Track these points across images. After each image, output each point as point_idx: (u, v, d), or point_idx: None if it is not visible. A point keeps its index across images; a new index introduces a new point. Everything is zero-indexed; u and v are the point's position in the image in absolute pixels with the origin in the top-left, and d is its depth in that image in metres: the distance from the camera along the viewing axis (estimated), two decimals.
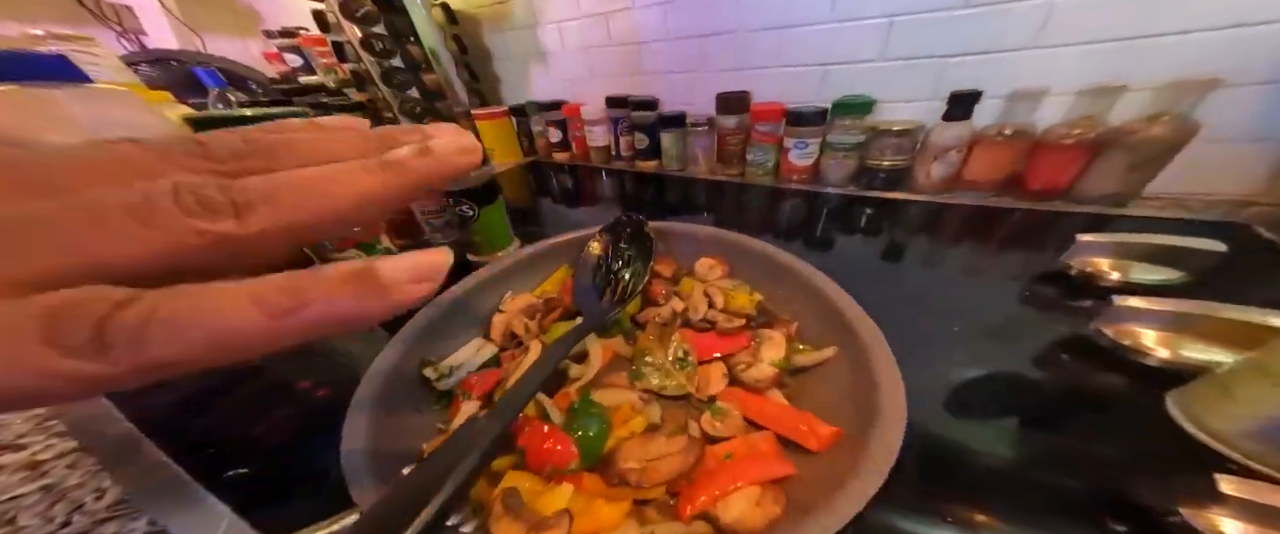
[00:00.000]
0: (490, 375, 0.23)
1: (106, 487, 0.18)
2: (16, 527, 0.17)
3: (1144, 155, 0.31)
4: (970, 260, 0.32)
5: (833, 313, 0.21)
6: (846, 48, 0.47)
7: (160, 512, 0.17)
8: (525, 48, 0.76)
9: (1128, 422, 0.18)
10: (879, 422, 0.14)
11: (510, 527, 0.14)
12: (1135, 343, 0.20)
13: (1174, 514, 0.14)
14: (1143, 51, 0.33)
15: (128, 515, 0.17)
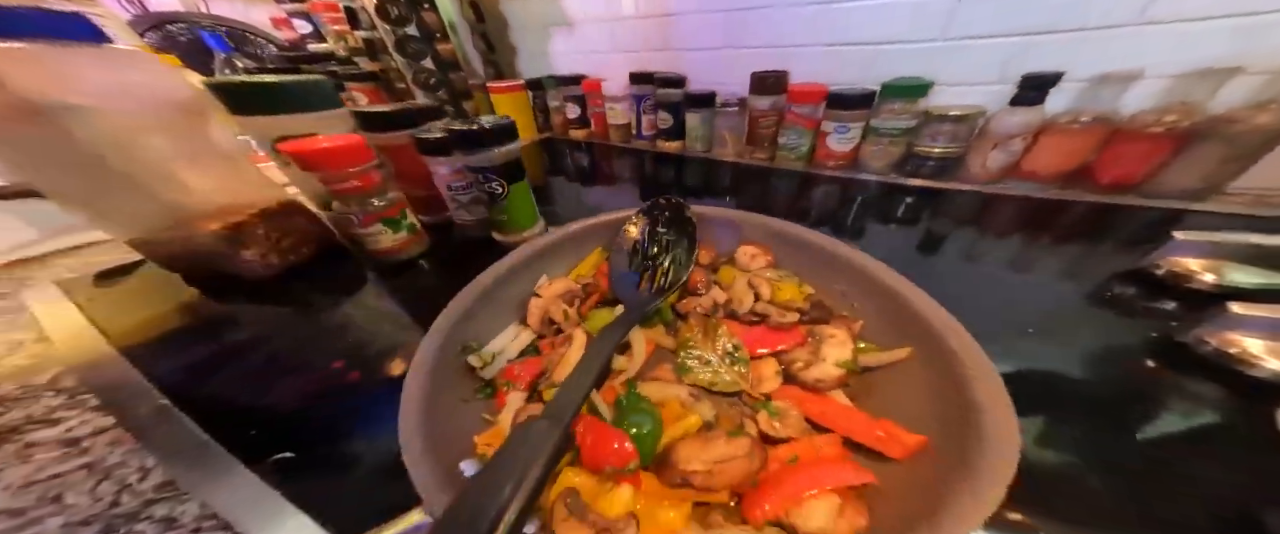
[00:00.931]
0: (532, 364, 0.22)
1: (149, 466, 0.18)
2: (64, 504, 0.16)
3: (1242, 147, 0.28)
4: (1034, 257, 0.30)
5: (903, 310, 0.20)
6: (902, 26, 0.44)
7: (212, 496, 0.16)
8: (545, 17, 0.72)
9: (1237, 439, 0.16)
10: (982, 434, 0.13)
11: (577, 529, 0.14)
12: (1242, 352, 0.18)
13: None
14: (1262, 30, 0.30)
15: (176, 498, 0.17)
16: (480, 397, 0.20)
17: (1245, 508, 0.14)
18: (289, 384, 0.22)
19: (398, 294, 0.31)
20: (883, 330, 0.20)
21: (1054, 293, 0.26)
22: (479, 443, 0.17)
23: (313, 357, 0.24)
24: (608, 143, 0.69)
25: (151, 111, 0.24)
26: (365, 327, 0.27)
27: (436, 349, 0.19)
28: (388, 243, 0.32)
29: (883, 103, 0.43)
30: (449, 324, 0.20)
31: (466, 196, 0.35)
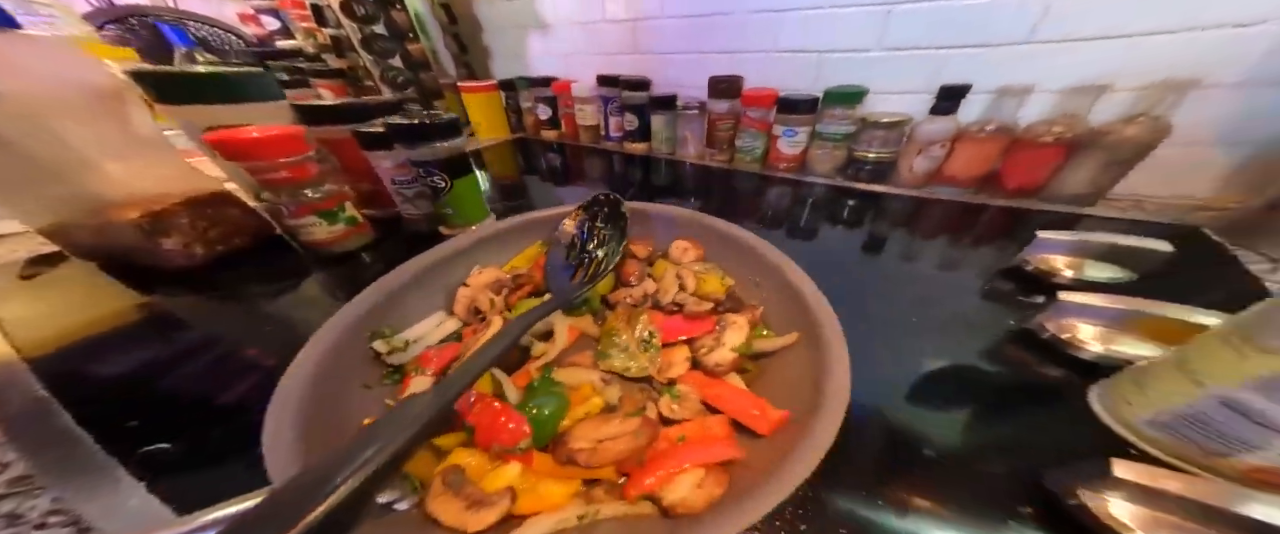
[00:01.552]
0: (448, 350, 0.22)
1: (10, 460, 0.17)
2: None
3: (1116, 156, 0.31)
4: (940, 255, 0.32)
5: (798, 299, 0.21)
6: (843, 35, 0.46)
7: (66, 489, 0.16)
8: (517, 20, 0.72)
9: (1054, 412, 0.18)
10: (823, 407, 0.14)
11: (448, 504, 0.14)
12: (1073, 338, 0.20)
13: (1073, 497, 0.14)
14: (1130, 50, 0.33)
15: (27, 493, 0.16)
16: (387, 383, 0.20)
17: (1046, 468, 0.15)
18: (191, 374, 0.22)
19: (332, 285, 0.30)
20: (783, 319, 0.21)
21: (946, 285, 0.27)
22: (363, 425, 0.17)
23: (225, 346, 0.24)
24: (578, 143, 0.69)
25: (65, 97, 0.23)
26: (290, 316, 0.27)
27: (335, 334, 0.19)
28: (323, 235, 0.32)
29: (825, 108, 0.45)
30: (356, 311, 0.20)
31: (411, 191, 0.35)
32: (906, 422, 0.18)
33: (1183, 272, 0.23)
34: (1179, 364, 0.16)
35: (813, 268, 0.22)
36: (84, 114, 0.24)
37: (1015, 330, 0.23)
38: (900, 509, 0.15)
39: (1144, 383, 0.17)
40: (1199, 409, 0.15)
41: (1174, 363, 0.16)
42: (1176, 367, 0.16)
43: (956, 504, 0.15)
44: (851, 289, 0.26)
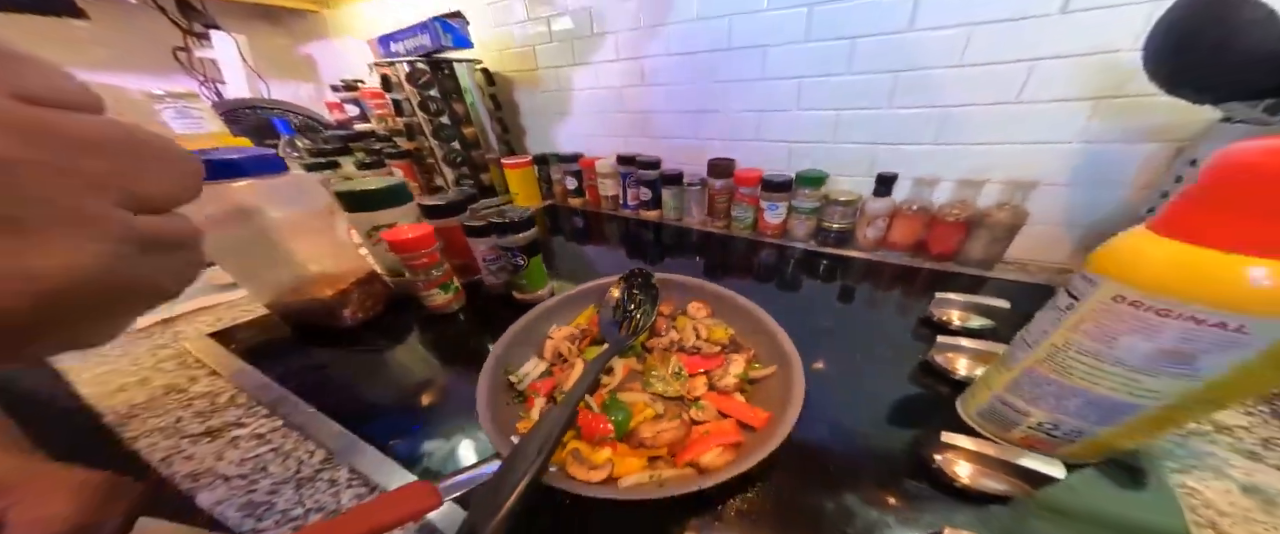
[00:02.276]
0: (547, 382, 0.34)
1: (314, 450, 0.29)
2: (268, 472, 0.27)
3: (996, 233, 0.44)
4: (881, 304, 0.44)
5: (775, 344, 0.32)
6: (807, 131, 0.61)
7: (354, 463, 0.27)
8: (549, 107, 0.89)
9: (936, 412, 0.29)
10: (784, 415, 0.26)
11: (577, 468, 0.25)
12: (950, 366, 0.31)
13: (932, 462, 0.25)
14: (996, 156, 0.47)
15: (333, 467, 0.27)
16: (516, 401, 0.32)
17: (925, 449, 0.26)
18: (386, 396, 0.33)
19: (445, 337, 0.42)
20: (767, 356, 0.33)
21: (883, 326, 0.39)
22: (519, 427, 0.29)
23: (395, 378, 0.36)
24: (599, 211, 0.84)
25: (302, 217, 0.37)
26: (428, 358, 0.39)
27: (490, 369, 0.31)
28: (439, 301, 0.45)
29: (798, 188, 0.59)
30: (496, 353, 0.32)
31: (495, 266, 0.48)
32: (841, 419, 0.29)
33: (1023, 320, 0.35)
34: (984, 379, 0.27)
35: (791, 312, 0.34)
36: (311, 226, 0.38)
37: (921, 361, 0.34)
38: (834, 475, 0.26)
39: (974, 391, 0.28)
40: (990, 404, 0.26)
41: (982, 378, 0.28)
42: (983, 380, 0.27)
43: (871, 470, 0.26)
44: (815, 330, 0.37)
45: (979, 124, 0.48)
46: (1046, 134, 0.45)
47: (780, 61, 0.58)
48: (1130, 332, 0.20)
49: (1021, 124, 0.46)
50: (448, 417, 0.32)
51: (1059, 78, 0.43)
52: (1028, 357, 0.24)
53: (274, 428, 0.30)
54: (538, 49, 0.82)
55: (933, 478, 0.25)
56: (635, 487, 0.25)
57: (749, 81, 0.62)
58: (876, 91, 0.53)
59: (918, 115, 0.51)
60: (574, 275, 0.55)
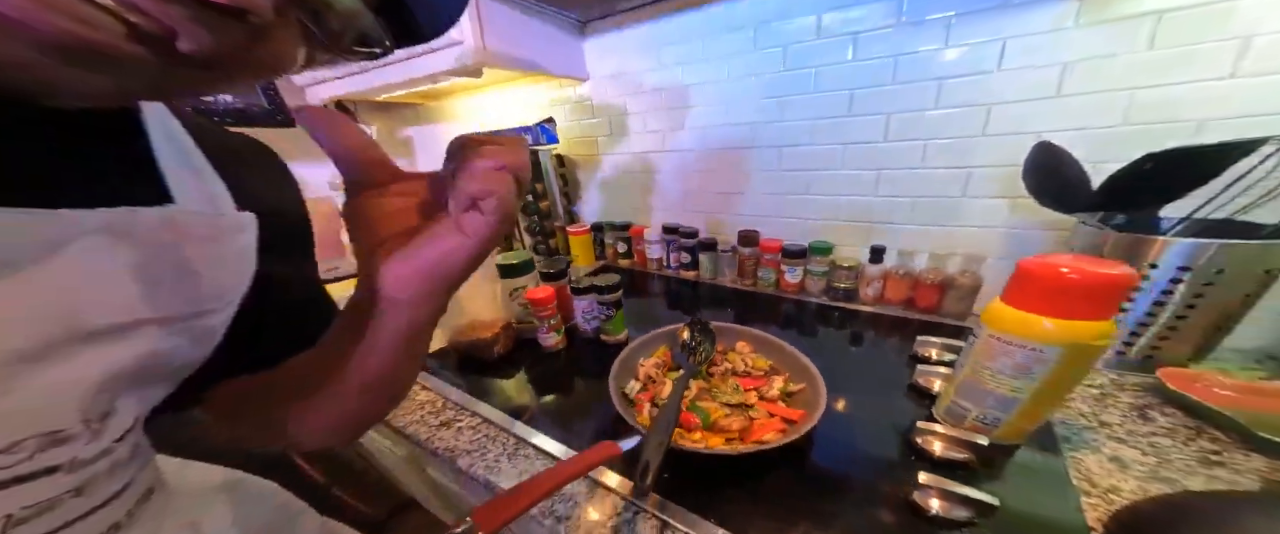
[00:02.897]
0: (647, 394, 0.50)
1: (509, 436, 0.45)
2: (488, 449, 0.44)
3: (963, 292, 0.61)
4: (882, 344, 0.60)
5: (803, 368, 0.49)
6: (815, 211, 0.81)
7: (537, 444, 0.44)
8: (606, 185, 1.14)
9: (919, 415, 0.44)
10: (814, 412, 0.42)
11: (683, 441, 0.41)
12: (928, 385, 0.47)
13: (915, 442, 0.40)
14: (955, 235, 0.66)
15: (524, 445, 0.44)
16: (628, 406, 0.48)
17: (908, 440, 0.41)
18: (537, 401, 0.50)
19: (555, 368, 0.60)
20: (797, 377, 0.49)
21: (881, 361, 0.55)
22: (639, 420, 0.45)
23: (536, 390, 0.53)
24: (646, 270, 1.04)
25: (478, 277, 0.57)
26: (551, 380, 0.56)
27: (614, 385, 0.48)
28: (552, 341, 0.63)
29: (811, 255, 0.78)
30: (612, 377, 0.50)
31: (590, 315, 0.67)
32: (853, 418, 0.45)
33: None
34: (945, 391, 0.43)
35: (811, 350, 0.51)
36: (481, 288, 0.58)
37: (908, 383, 0.50)
38: (849, 453, 0.41)
39: (941, 399, 0.44)
40: (950, 406, 0.42)
41: (944, 390, 0.43)
42: (944, 392, 0.43)
43: (873, 448, 0.41)
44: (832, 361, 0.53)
45: (939, 211, 0.68)
46: (985, 221, 0.64)
47: (792, 158, 0.80)
48: (999, 355, 0.36)
49: (968, 213, 0.65)
50: (574, 413, 0.48)
51: (988, 181, 0.63)
52: (963, 372, 0.40)
53: (478, 423, 0.47)
54: (599, 139, 1.08)
55: (916, 452, 0.40)
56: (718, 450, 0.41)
57: (770, 172, 0.84)
58: (865, 182, 0.74)
59: (895, 202, 0.72)
60: (630, 322, 0.73)
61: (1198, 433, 0.40)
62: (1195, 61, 0.49)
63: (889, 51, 0.65)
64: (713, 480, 0.38)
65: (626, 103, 0.96)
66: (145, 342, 0.20)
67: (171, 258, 0.20)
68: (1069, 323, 0.33)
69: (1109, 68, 0.53)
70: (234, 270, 0.24)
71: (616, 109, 0.99)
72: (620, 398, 0.47)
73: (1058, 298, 0.34)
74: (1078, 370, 0.35)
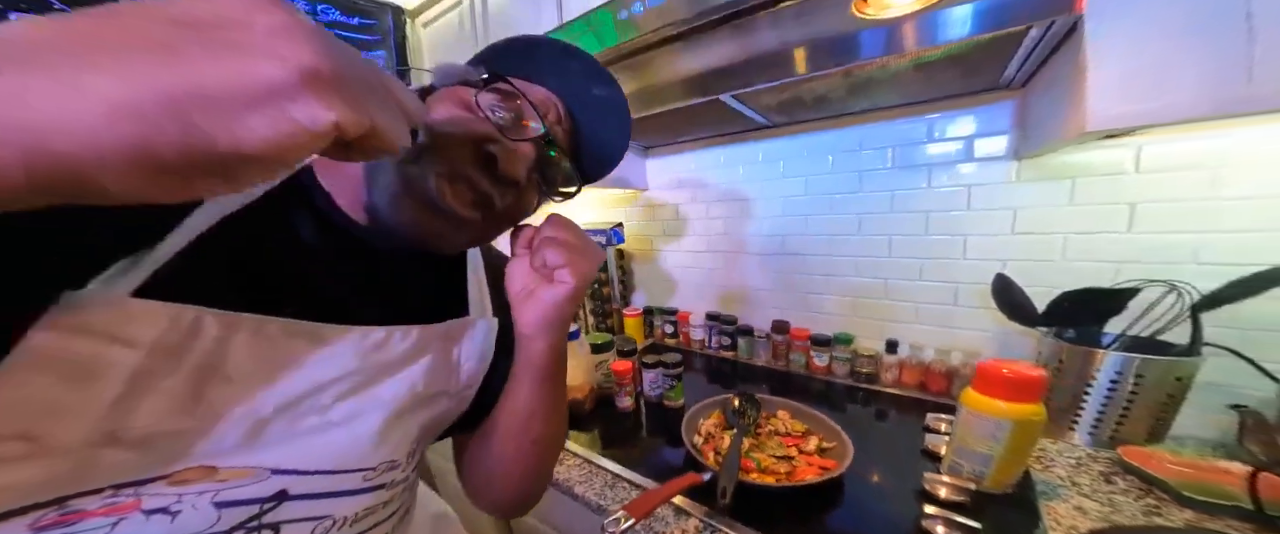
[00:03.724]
0: (710, 445, 0.67)
1: (606, 473, 0.62)
2: (593, 480, 0.61)
3: (965, 381, 0.76)
4: (900, 419, 0.75)
5: (835, 432, 0.65)
6: (838, 307, 1.02)
7: (628, 478, 0.60)
8: (657, 276, 1.40)
9: (929, 470, 0.58)
10: (843, 462, 0.57)
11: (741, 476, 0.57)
12: (937, 449, 0.62)
13: (924, 487, 0.54)
14: (954, 335, 0.84)
15: (619, 480, 0.61)
16: (697, 453, 0.64)
17: (919, 488, 0.55)
18: (620, 449, 0.67)
19: (626, 425, 0.77)
20: (829, 438, 0.65)
21: (899, 432, 0.70)
22: (707, 462, 0.61)
23: (614, 441, 0.70)
24: (690, 349, 1.23)
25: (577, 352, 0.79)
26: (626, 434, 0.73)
27: (686, 437, 0.65)
28: (626, 403, 0.81)
29: (835, 344, 0.96)
30: (684, 431, 0.67)
31: (656, 385, 0.86)
32: (877, 471, 0.59)
33: None
34: (947, 452, 0.58)
35: (839, 420, 0.67)
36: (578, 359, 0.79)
37: (920, 448, 0.64)
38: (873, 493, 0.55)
39: (945, 459, 0.58)
40: (950, 462, 0.56)
41: (946, 452, 0.58)
42: (946, 453, 0.58)
43: (895, 495, 0.55)
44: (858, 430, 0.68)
45: (939, 316, 0.87)
46: (976, 326, 0.83)
47: (814, 264, 1.04)
48: (975, 425, 0.53)
49: (962, 319, 0.85)
50: (647, 456, 0.65)
51: (973, 296, 0.83)
52: (955, 437, 0.56)
53: (580, 462, 0.65)
54: (654, 238, 1.37)
55: (926, 496, 0.54)
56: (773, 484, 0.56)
57: (796, 273, 1.07)
58: (876, 290, 0.95)
59: (901, 306, 0.92)
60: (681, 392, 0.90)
61: (1146, 493, 0.52)
62: (1104, 217, 0.71)
63: (886, 187, 0.91)
64: (768, 509, 0.53)
65: (678, 210, 1.27)
66: (441, 405, 0.33)
67: (459, 351, 0.34)
68: (1012, 404, 0.51)
69: (1047, 215, 0.76)
70: (481, 357, 0.36)
71: (669, 215, 1.30)
72: (692, 446, 0.64)
73: (1002, 388, 0.52)
74: (1029, 436, 0.51)
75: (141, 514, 0.21)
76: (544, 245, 0.31)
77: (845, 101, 0.86)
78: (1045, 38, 0.55)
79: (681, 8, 0.57)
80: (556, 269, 0.31)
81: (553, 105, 0.33)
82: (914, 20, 0.52)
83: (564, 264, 0.30)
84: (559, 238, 0.31)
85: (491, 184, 0.29)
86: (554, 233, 0.32)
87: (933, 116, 0.84)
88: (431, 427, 0.34)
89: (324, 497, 0.27)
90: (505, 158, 0.28)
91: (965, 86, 0.76)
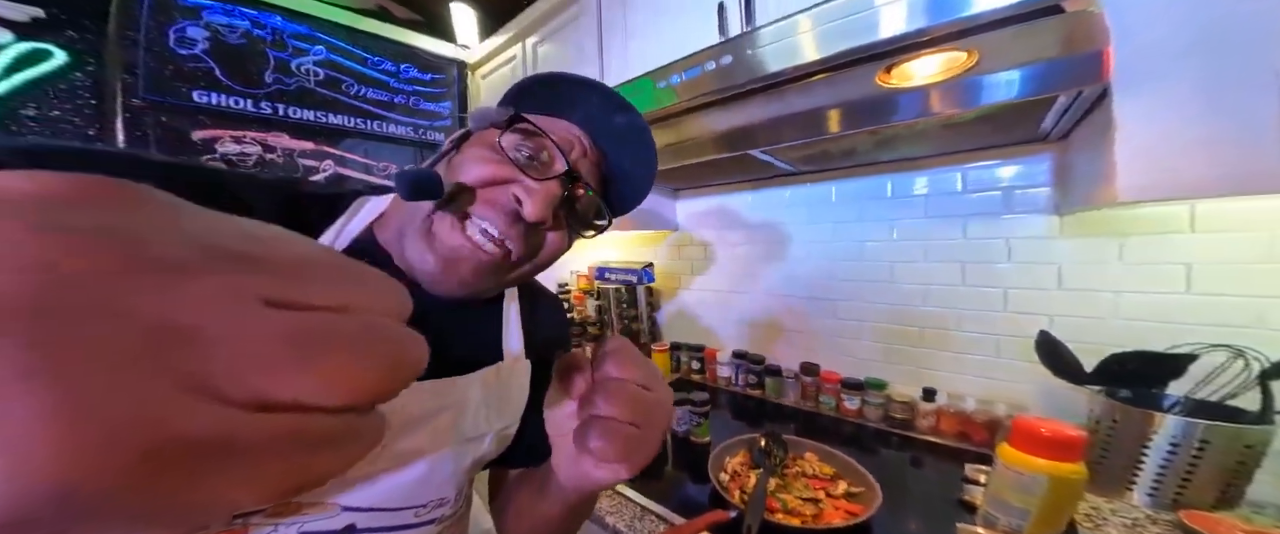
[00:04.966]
0: (736, 483, 0.68)
1: (633, 506, 0.66)
2: (624, 513, 0.64)
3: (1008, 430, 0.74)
4: (938, 466, 0.73)
5: (863, 477, 0.65)
6: (870, 352, 1.02)
7: (656, 511, 0.63)
8: (684, 313, 1.44)
9: (965, 518, 0.57)
10: (871, 508, 0.58)
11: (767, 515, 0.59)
12: (974, 501, 0.60)
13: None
14: (999, 386, 0.82)
15: (646, 514, 0.64)
16: (724, 490, 0.66)
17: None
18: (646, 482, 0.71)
19: (657, 460, 0.80)
20: (856, 481, 0.65)
21: (933, 479, 0.68)
22: (732, 499, 0.63)
23: (645, 474, 0.73)
24: (716, 385, 1.24)
25: None
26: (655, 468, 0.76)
27: (713, 474, 0.68)
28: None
29: (867, 388, 0.95)
30: (711, 468, 0.70)
31: (683, 421, 0.89)
32: (908, 517, 0.59)
33: None
34: (983, 503, 0.57)
35: (870, 464, 0.67)
36: None
37: (958, 498, 0.63)
38: None
39: (981, 510, 0.57)
40: (984, 513, 0.55)
41: (982, 503, 0.57)
42: (982, 504, 0.57)
43: None
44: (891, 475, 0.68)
45: (980, 366, 0.86)
46: (1020, 377, 0.81)
47: (849, 308, 1.05)
48: (1008, 476, 0.53)
49: (1005, 371, 0.83)
50: (673, 491, 0.67)
51: (1015, 347, 0.81)
52: (990, 488, 0.56)
53: (610, 494, 0.68)
54: (681, 276, 1.43)
55: None
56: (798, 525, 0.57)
57: (825, 317, 1.09)
58: (911, 337, 0.95)
59: (939, 355, 0.91)
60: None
61: None
62: (1159, 277, 0.68)
63: (919, 235, 0.93)
64: None
65: (706, 249, 1.33)
66: (485, 444, 0.35)
67: (497, 393, 0.35)
68: (1050, 462, 0.50)
69: (1095, 272, 0.73)
70: (519, 398, 0.38)
71: (697, 254, 1.36)
72: (718, 483, 0.66)
73: (1038, 446, 0.52)
74: (1068, 493, 0.51)
75: None
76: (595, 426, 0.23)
77: (873, 153, 0.91)
78: (1076, 102, 0.58)
79: (712, 81, 0.67)
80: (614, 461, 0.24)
81: (577, 139, 0.33)
82: (939, 88, 0.57)
83: (619, 458, 0.23)
84: (618, 419, 0.23)
85: (515, 225, 0.29)
86: (610, 409, 0.23)
87: (967, 166, 0.86)
88: (476, 464, 0.37)
89: (385, 531, 0.30)
90: (529, 198, 0.29)
91: (1001, 139, 0.79)
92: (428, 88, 1.56)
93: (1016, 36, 0.47)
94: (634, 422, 0.24)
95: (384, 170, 1.44)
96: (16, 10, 0.80)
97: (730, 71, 0.64)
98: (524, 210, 0.29)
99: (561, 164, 0.30)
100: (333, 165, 1.31)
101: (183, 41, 1.03)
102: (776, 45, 0.60)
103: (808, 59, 0.58)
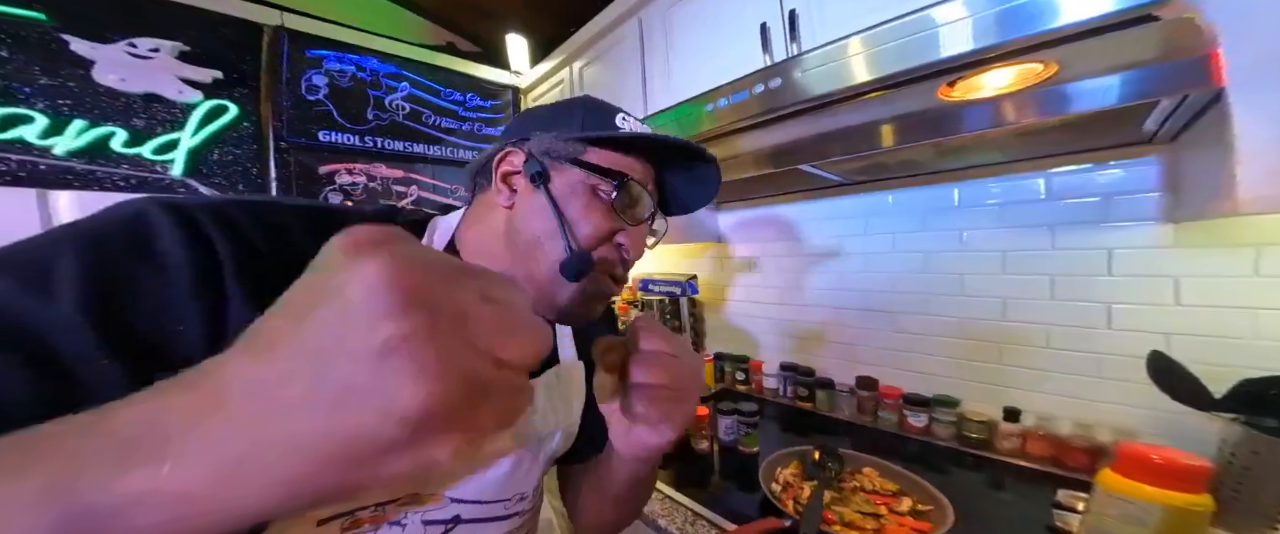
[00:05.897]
0: (789, 494, 0.66)
1: (686, 511, 0.66)
2: (675, 518, 0.65)
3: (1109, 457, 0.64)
4: (1021, 491, 0.65)
5: (933, 496, 0.60)
6: (934, 368, 0.93)
7: (707, 517, 0.63)
8: (727, 324, 1.42)
9: None
10: (940, 528, 0.53)
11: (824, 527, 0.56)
12: (1067, 527, 0.53)
13: None
14: (1099, 410, 0.72)
15: (699, 519, 0.63)
16: (777, 500, 0.64)
17: None
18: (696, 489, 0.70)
19: (700, 466, 0.79)
20: (923, 499, 0.60)
21: (1017, 504, 0.61)
22: (786, 509, 0.61)
23: (690, 481, 0.72)
24: (762, 397, 1.20)
25: None
26: (704, 476, 0.75)
27: (764, 483, 0.66)
28: (702, 446, 0.84)
29: (935, 405, 0.87)
30: (762, 475, 0.68)
31: (731, 431, 0.87)
32: None
33: None
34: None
35: (940, 484, 0.62)
36: None
37: (1049, 524, 0.56)
38: None
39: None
40: None
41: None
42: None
43: None
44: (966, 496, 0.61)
45: (1077, 385, 0.76)
46: (1125, 400, 0.71)
47: (911, 323, 0.97)
48: (1114, 505, 0.47)
49: (1110, 392, 0.73)
50: (722, 498, 0.66)
51: (1122, 367, 0.70)
52: (1089, 517, 0.49)
53: (664, 498, 0.69)
54: (725, 288, 1.42)
55: None
56: None
57: (886, 331, 1.02)
58: (988, 353, 0.86)
59: (1021, 372, 0.82)
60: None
61: None
62: None
63: (995, 246, 0.84)
64: None
65: (750, 261, 1.31)
66: (555, 441, 0.40)
67: (560, 393, 0.41)
68: (1163, 491, 0.44)
69: (1224, 287, 0.63)
70: (577, 397, 0.42)
71: (740, 266, 1.35)
72: (770, 492, 0.65)
73: (1150, 474, 0.46)
74: (1188, 527, 0.43)
75: (387, 525, 0.31)
76: (637, 393, 0.27)
77: (935, 163, 0.86)
78: (1183, 105, 0.51)
79: (759, 103, 0.68)
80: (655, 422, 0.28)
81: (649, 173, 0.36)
82: (1013, 99, 0.52)
83: (662, 419, 0.27)
84: (654, 384, 0.27)
85: (623, 265, 0.34)
86: (647, 377, 0.27)
87: (1050, 172, 0.78)
88: (548, 460, 0.41)
89: (482, 522, 0.35)
90: (633, 243, 0.34)
91: (1093, 143, 0.71)
92: (488, 114, 1.74)
93: (1104, 45, 0.43)
94: (670, 385, 0.27)
95: (453, 192, 1.62)
96: (203, 73, 1.04)
97: (779, 94, 0.64)
98: (628, 254, 0.34)
99: (649, 205, 0.34)
100: (417, 190, 1.50)
101: (310, 88, 1.26)
102: (827, 67, 0.59)
103: (860, 79, 0.56)
